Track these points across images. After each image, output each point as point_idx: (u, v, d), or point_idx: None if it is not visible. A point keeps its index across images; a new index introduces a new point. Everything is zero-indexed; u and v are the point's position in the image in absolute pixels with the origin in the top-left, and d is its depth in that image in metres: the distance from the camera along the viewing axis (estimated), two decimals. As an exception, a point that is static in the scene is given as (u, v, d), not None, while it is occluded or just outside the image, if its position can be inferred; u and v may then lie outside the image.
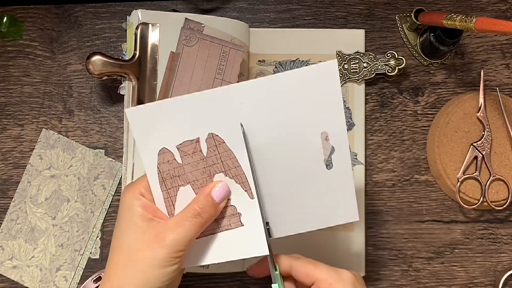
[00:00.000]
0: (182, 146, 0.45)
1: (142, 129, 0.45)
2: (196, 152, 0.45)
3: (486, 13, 0.65)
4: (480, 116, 0.61)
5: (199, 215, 0.43)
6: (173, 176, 0.45)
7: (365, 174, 0.62)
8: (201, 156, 0.45)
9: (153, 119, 0.44)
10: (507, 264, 0.62)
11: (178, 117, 0.44)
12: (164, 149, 0.45)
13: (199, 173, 0.45)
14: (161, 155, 0.45)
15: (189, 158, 0.45)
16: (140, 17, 0.59)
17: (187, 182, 0.45)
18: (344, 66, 0.62)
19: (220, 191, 0.44)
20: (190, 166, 0.45)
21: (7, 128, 0.64)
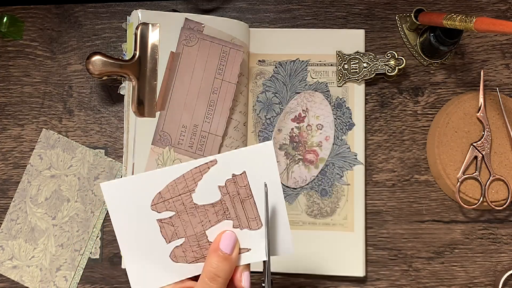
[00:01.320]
0: (167, 237, 0.44)
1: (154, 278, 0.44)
2: (172, 221, 0.43)
3: (486, 13, 0.65)
4: (480, 116, 0.61)
5: (216, 276, 0.41)
6: (198, 246, 0.44)
7: (365, 174, 0.62)
8: (176, 216, 0.43)
9: (143, 269, 0.44)
10: (507, 264, 0.62)
11: (140, 246, 0.43)
12: (172, 257, 0.44)
13: (194, 219, 0.44)
14: (177, 258, 0.44)
15: (179, 229, 0.44)
16: (140, 17, 0.59)
17: (203, 233, 0.44)
18: (344, 66, 0.62)
19: (227, 241, 0.42)
20: (187, 228, 0.44)
21: (7, 128, 0.64)
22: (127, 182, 0.42)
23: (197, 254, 0.44)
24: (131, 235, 0.43)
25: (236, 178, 0.43)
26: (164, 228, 0.43)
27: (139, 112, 0.59)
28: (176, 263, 0.44)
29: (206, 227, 0.44)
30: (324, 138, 0.62)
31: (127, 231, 0.43)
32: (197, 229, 0.44)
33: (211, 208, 0.43)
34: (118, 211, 0.43)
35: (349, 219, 0.61)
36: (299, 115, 0.63)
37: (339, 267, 0.60)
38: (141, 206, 0.43)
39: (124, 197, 0.42)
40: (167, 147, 0.59)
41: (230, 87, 0.60)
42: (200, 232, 0.44)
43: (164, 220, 0.43)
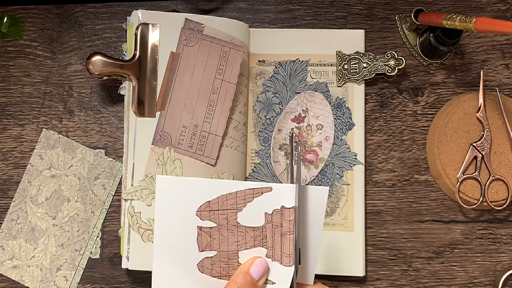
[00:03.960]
0: (200, 246, 0.44)
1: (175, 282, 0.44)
2: (210, 232, 0.44)
3: (485, 13, 0.65)
4: (479, 116, 0.61)
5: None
6: (227, 264, 0.44)
7: (365, 174, 0.62)
8: (216, 229, 0.44)
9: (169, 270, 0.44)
10: (506, 264, 0.62)
11: (173, 245, 0.44)
12: (199, 266, 0.44)
13: (231, 237, 0.44)
14: (204, 269, 0.44)
15: (214, 242, 0.44)
16: (140, 17, 0.59)
17: (236, 253, 0.44)
18: (344, 66, 0.63)
19: (258, 267, 0.42)
20: (222, 243, 0.44)
21: (7, 128, 0.64)
22: (182, 182, 0.43)
23: (223, 271, 0.44)
24: (169, 232, 0.43)
25: (284, 210, 0.43)
26: (201, 236, 0.44)
27: (139, 112, 0.59)
28: (201, 273, 0.44)
29: (240, 247, 0.44)
30: (324, 138, 0.62)
31: (166, 228, 0.43)
32: (232, 247, 0.44)
33: (251, 231, 0.43)
34: (165, 206, 0.43)
35: (349, 219, 0.61)
36: (299, 115, 0.63)
37: (339, 267, 0.60)
38: (187, 208, 0.43)
39: (175, 194, 0.43)
40: (167, 147, 0.59)
41: (230, 87, 0.60)
42: (233, 250, 0.44)
43: (204, 229, 0.43)
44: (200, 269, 0.44)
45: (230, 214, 0.43)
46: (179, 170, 0.58)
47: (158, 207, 0.43)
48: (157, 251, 0.44)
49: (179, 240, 0.44)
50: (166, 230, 0.44)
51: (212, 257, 0.44)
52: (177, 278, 0.44)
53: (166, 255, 0.44)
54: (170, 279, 0.44)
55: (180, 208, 0.43)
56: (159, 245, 0.44)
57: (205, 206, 0.43)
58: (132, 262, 0.58)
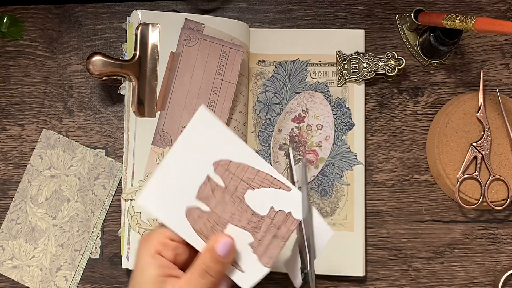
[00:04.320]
0: (199, 194, 0.43)
1: (161, 207, 0.43)
2: (215, 189, 0.43)
3: (485, 13, 0.65)
4: (479, 116, 0.61)
5: (206, 273, 0.42)
6: (212, 227, 0.44)
7: (365, 174, 0.62)
8: (221, 189, 0.43)
9: (162, 190, 0.43)
10: (506, 264, 0.62)
11: (178, 171, 0.43)
12: (188, 210, 0.44)
13: (230, 207, 0.43)
14: (189, 216, 0.44)
15: (213, 199, 0.43)
16: (140, 17, 0.59)
17: (226, 223, 0.44)
18: (344, 66, 0.63)
19: (223, 246, 0.42)
20: (219, 206, 0.43)
21: (7, 128, 0.64)
22: (219, 127, 0.43)
23: (204, 230, 0.44)
24: (180, 162, 0.43)
25: (289, 217, 0.43)
26: (205, 186, 0.43)
27: (139, 112, 0.59)
28: (185, 217, 0.44)
29: (232, 221, 0.43)
30: (324, 138, 0.62)
31: (181, 157, 0.43)
32: (225, 215, 0.43)
33: (250, 214, 0.43)
34: (193, 134, 0.43)
35: (349, 219, 0.61)
36: (299, 115, 0.63)
37: (339, 267, 0.60)
38: (210, 152, 0.43)
39: (206, 132, 0.43)
40: (167, 147, 0.59)
41: (230, 87, 0.60)
42: (224, 219, 0.44)
43: (211, 181, 0.43)
44: (187, 214, 0.44)
45: (241, 186, 0.43)
46: (179, 170, 0.58)
47: (187, 132, 0.43)
48: (161, 171, 0.43)
49: (185, 175, 0.43)
50: (179, 159, 0.43)
51: (203, 212, 0.43)
52: (163, 205, 0.44)
53: (166, 179, 0.43)
54: (156, 201, 0.44)
55: (203, 148, 0.43)
56: (166, 166, 0.43)
57: (225, 162, 0.43)
58: (132, 262, 0.58)
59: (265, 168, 0.43)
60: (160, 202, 0.44)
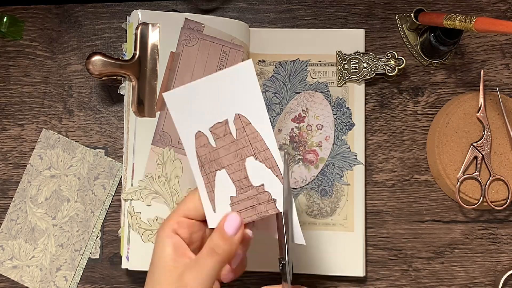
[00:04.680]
0: (214, 128, 0.44)
1: (180, 112, 0.44)
2: (227, 135, 0.44)
3: (486, 13, 0.65)
4: (480, 116, 0.61)
5: (214, 252, 0.42)
6: (210, 161, 0.45)
7: (365, 174, 0.62)
8: (231, 138, 0.44)
9: (188, 102, 0.44)
10: (507, 264, 0.62)
11: (208, 98, 0.43)
12: (199, 133, 0.44)
13: (231, 157, 0.44)
14: (198, 138, 0.45)
15: (221, 141, 0.44)
16: (140, 17, 0.59)
17: (222, 167, 0.45)
18: (344, 66, 0.62)
19: (230, 223, 0.43)
20: (224, 149, 0.44)
21: (7, 128, 0.64)
22: (256, 86, 0.42)
23: (203, 158, 0.45)
24: (211, 90, 0.43)
25: (271, 203, 0.44)
26: (221, 125, 0.44)
27: (139, 112, 0.59)
28: (193, 136, 0.45)
29: (227, 169, 0.44)
30: (324, 138, 0.62)
31: (213, 86, 0.43)
32: (224, 160, 0.45)
33: (243, 175, 0.44)
34: (230, 77, 0.43)
35: (349, 219, 0.61)
36: (299, 115, 0.63)
37: (339, 267, 0.60)
38: (237, 102, 0.43)
39: (242, 83, 0.42)
40: (167, 147, 0.59)
41: (230, 87, 0.60)
42: (222, 162, 0.45)
43: (227, 126, 0.44)
44: (197, 135, 0.45)
45: (248, 149, 0.44)
46: (179, 170, 0.58)
47: (228, 72, 0.43)
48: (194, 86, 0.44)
49: (209, 104, 0.44)
50: (211, 88, 0.43)
51: (209, 144, 0.44)
52: (181, 111, 0.44)
53: (194, 95, 0.44)
54: (178, 104, 0.44)
55: (234, 95, 0.43)
56: (199, 85, 0.44)
57: (246, 120, 0.43)
58: (132, 262, 0.58)
59: (274, 151, 0.43)
60: (180, 107, 0.44)
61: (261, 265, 0.60)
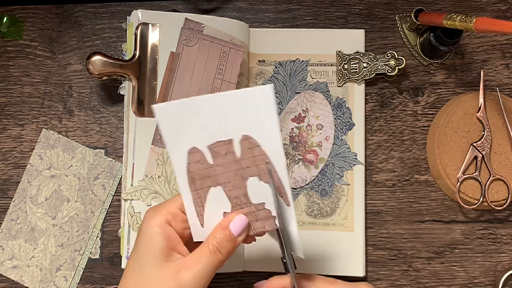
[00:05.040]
0: (214, 146, 0.43)
1: (171, 127, 0.43)
2: (229, 154, 0.42)
3: (486, 13, 0.65)
4: (480, 116, 0.61)
5: (217, 251, 0.41)
6: (203, 177, 0.43)
7: (365, 174, 0.62)
8: (234, 158, 0.42)
9: (183, 117, 0.42)
10: (507, 264, 0.62)
11: (210, 116, 0.42)
12: (194, 149, 0.43)
13: (231, 175, 0.43)
14: (191, 154, 0.43)
15: (221, 159, 0.43)
16: (140, 17, 0.59)
17: (217, 184, 0.43)
18: (344, 66, 0.62)
19: (237, 224, 0.42)
20: (222, 167, 0.43)
21: (7, 128, 0.64)
22: (272, 111, 0.41)
23: (194, 175, 0.43)
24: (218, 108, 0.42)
25: (270, 220, 0.43)
26: (223, 144, 0.43)
27: (139, 112, 0.59)
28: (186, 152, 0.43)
29: (223, 186, 0.43)
30: (324, 138, 0.62)
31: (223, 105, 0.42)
32: (221, 178, 0.43)
33: (241, 193, 0.43)
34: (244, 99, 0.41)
35: (349, 219, 0.61)
36: (299, 115, 0.63)
37: (339, 267, 0.60)
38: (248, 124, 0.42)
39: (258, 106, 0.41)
40: (167, 147, 0.59)
41: (230, 87, 0.60)
42: (218, 180, 0.43)
43: (230, 146, 0.42)
44: (190, 151, 0.43)
45: (252, 169, 0.42)
46: (179, 170, 0.58)
47: (243, 93, 0.41)
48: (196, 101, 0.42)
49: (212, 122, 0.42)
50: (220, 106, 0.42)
51: (205, 161, 0.43)
52: (173, 126, 0.43)
53: (194, 111, 0.42)
54: (169, 118, 0.42)
55: (246, 116, 0.41)
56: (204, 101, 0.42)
57: (254, 142, 0.42)
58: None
59: (283, 174, 0.42)
60: (172, 122, 0.42)
61: (261, 265, 0.60)
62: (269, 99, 0.41)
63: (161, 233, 0.41)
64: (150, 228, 0.42)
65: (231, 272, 0.60)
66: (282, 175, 0.42)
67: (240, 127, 0.42)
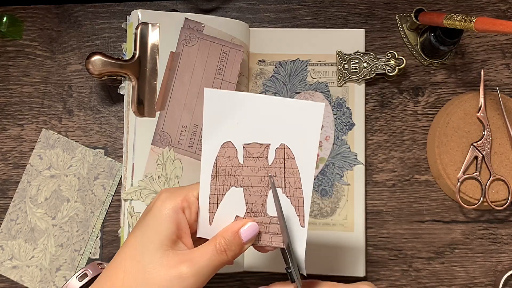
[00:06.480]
0: (250, 146, 0.42)
1: (214, 115, 0.42)
2: (261, 158, 0.42)
3: (486, 13, 0.65)
4: (480, 116, 0.61)
5: (224, 252, 0.41)
6: (229, 174, 0.43)
7: (365, 174, 0.62)
8: (265, 163, 0.42)
9: (229, 108, 0.42)
10: (507, 264, 0.62)
11: (255, 115, 0.42)
12: (229, 143, 0.42)
13: (256, 180, 0.42)
14: (224, 148, 0.42)
15: (251, 161, 0.42)
16: (140, 17, 0.59)
17: (240, 185, 0.43)
18: (344, 66, 0.62)
19: (249, 231, 0.42)
20: (250, 169, 0.42)
21: (7, 128, 0.64)
22: (317, 127, 0.41)
23: (219, 168, 0.42)
24: (265, 114, 0.42)
25: (279, 237, 0.43)
26: (258, 148, 0.42)
27: (139, 112, 0.59)
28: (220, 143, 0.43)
29: (244, 189, 0.43)
30: (324, 138, 0.62)
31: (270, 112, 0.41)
32: (244, 180, 0.43)
33: (260, 201, 0.43)
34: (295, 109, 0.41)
35: (349, 219, 0.61)
36: (299, 115, 0.63)
37: (339, 267, 0.60)
38: (290, 135, 0.41)
39: (307, 120, 0.41)
40: (167, 147, 0.58)
41: (230, 87, 0.60)
42: (241, 181, 0.43)
43: (265, 151, 0.42)
44: (224, 144, 0.42)
45: (279, 180, 0.42)
46: (179, 170, 0.58)
47: (295, 103, 0.41)
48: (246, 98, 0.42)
49: (255, 124, 0.42)
50: (268, 112, 0.41)
51: (235, 158, 0.42)
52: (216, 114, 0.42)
53: (241, 108, 0.42)
54: (215, 105, 0.42)
55: (292, 127, 0.41)
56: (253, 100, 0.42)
57: (290, 154, 0.42)
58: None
59: (307, 192, 0.42)
60: (216, 110, 0.42)
61: (261, 265, 0.60)
62: (318, 116, 0.40)
63: (173, 219, 0.40)
64: (163, 210, 0.41)
65: (231, 272, 0.60)
66: (306, 195, 0.42)
67: (281, 134, 0.42)
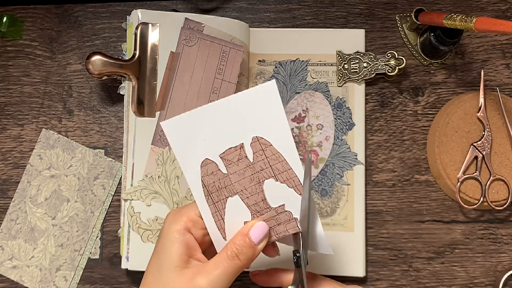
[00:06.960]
0: (225, 154, 0.42)
1: (181, 142, 0.42)
2: (242, 159, 0.42)
3: (486, 13, 0.65)
4: (480, 116, 0.61)
5: (236, 257, 0.41)
6: (219, 188, 0.43)
7: (365, 174, 0.62)
8: (247, 162, 0.42)
9: (191, 130, 0.42)
10: (507, 264, 0.62)
11: (217, 124, 0.42)
12: (206, 160, 0.42)
13: (247, 182, 0.42)
14: (204, 167, 0.43)
15: (234, 166, 0.42)
16: (140, 17, 0.59)
17: (234, 193, 0.43)
18: (344, 66, 0.62)
19: (258, 231, 0.42)
20: (237, 175, 0.42)
21: (7, 128, 0.64)
22: (279, 106, 0.41)
23: (210, 187, 0.43)
24: (224, 114, 0.42)
25: (292, 222, 0.43)
26: (234, 151, 0.42)
27: (139, 112, 0.59)
28: (199, 165, 0.43)
29: (240, 194, 0.43)
30: (324, 138, 0.62)
31: (228, 110, 0.42)
32: (237, 186, 0.43)
33: (260, 198, 0.43)
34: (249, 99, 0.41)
35: (349, 219, 0.61)
36: (299, 115, 0.63)
37: (339, 267, 0.60)
38: (256, 125, 0.41)
39: (264, 104, 0.41)
40: (167, 147, 0.58)
41: (230, 87, 0.60)
42: (234, 188, 0.43)
43: (242, 150, 0.42)
44: (203, 163, 0.43)
45: (267, 171, 0.42)
46: (179, 170, 0.58)
47: (247, 94, 0.41)
48: (201, 112, 0.42)
49: (221, 130, 0.42)
50: (225, 112, 0.42)
51: (219, 171, 0.43)
52: (183, 141, 0.42)
53: (201, 121, 0.42)
54: (178, 133, 0.42)
55: (253, 117, 0.41)
56: (208, 110, 0.42)
57: (265, 142, 0.42)
58: (132, 263, 0.58)
59: (298, 169, 0.42)
60: (181, 137, 0.42)
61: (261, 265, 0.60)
62: (273, 94, 0.40)
63: (181, 240, 0.42)
64: (171, 234, 0.42)
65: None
66: (298, 172, 0.42)
67: (249, 129, 0.42)
